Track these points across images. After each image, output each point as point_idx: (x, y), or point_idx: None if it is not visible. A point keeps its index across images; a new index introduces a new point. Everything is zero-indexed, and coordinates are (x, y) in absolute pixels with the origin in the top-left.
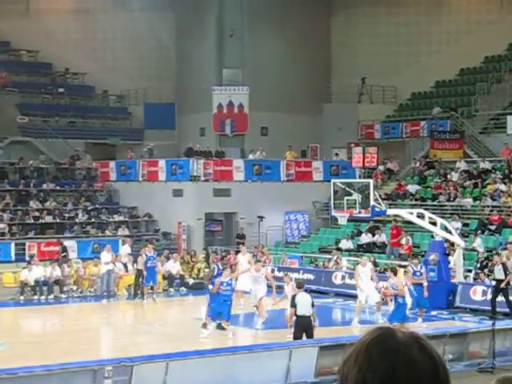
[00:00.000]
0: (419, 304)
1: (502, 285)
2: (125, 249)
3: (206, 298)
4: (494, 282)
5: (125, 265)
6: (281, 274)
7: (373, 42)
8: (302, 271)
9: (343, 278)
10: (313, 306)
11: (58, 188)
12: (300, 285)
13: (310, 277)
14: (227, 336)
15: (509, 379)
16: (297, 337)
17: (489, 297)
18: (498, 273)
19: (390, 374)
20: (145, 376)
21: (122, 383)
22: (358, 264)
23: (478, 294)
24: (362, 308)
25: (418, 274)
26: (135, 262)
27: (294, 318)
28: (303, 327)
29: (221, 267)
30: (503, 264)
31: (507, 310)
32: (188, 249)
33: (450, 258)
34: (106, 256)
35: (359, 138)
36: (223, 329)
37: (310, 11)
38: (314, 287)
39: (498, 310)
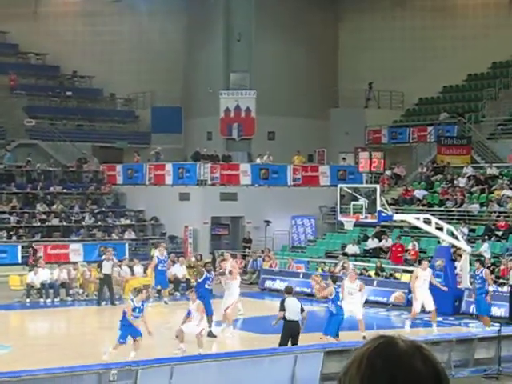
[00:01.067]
0: (480, 310)
1: None
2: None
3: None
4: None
5: (130, 268)
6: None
7: (380, 47)
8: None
9: None
10: (302, 311)
11: (64, 191)
12: (289, 290)
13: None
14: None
15: None
16: (283, 343)
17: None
18: None
19: (392, 383)
20: (150, 380)
21: None
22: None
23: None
24: (416, 316)
25: (478, 278)
26: (99, 266)
27: (282, 321)
28: (290, 331)
29: (211, 275)
30: None
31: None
32: (195, 253)
33: (456, 263)
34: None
35: (366, 143)
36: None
37: (317, 16)
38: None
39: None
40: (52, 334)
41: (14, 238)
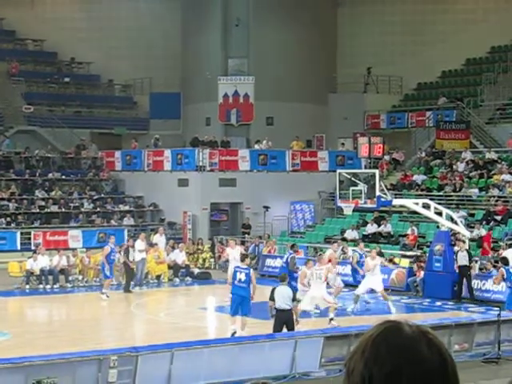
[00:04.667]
0: None
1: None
2: (156, 238)
3: None
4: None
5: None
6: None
7: (379, 32)
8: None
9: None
10: (294, 300)
11: (63, 177)
12: (282, 278)
13: None
14: None
15: None
16: (276, 330)
17: (494, 287)
18: (464, 259)
19: (397, 369)
20: (150, 366)
21: (127, 373)
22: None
23: (484, 284)
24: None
25: None
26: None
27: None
28: (282, 320)
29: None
30: (467, 250)
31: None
32: (193, 239)
33: (455, 248)
34: (140, 244)
35: (365, 128)
36: None
37: (316, 0)
38: None
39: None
40: (51, 321)
41: (12, 224)
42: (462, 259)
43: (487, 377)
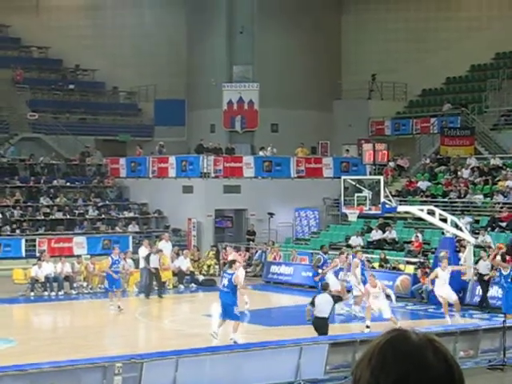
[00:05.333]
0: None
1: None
2: (162, 245)
3: None
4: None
5: (135, 261)
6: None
7: (383, 39)
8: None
9: None
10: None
11: (68, 184)
12: (325, 286)
13: None
14: None
15: None
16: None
17: (497, 294)
18: (486, 268)
19: (403, 377)
20: (155, 373)
21: (132, 380)
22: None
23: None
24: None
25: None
26: (147, 260)
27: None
28: (316, 328)
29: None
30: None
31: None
32: (198, 245)
33: (460, 254)
34: (144, 251)
35: (369, 135)
36: None
37: (320, 8)
38: None
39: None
40: (56, 328)
41: (17, 231)
42: (485, 268)
43: None
